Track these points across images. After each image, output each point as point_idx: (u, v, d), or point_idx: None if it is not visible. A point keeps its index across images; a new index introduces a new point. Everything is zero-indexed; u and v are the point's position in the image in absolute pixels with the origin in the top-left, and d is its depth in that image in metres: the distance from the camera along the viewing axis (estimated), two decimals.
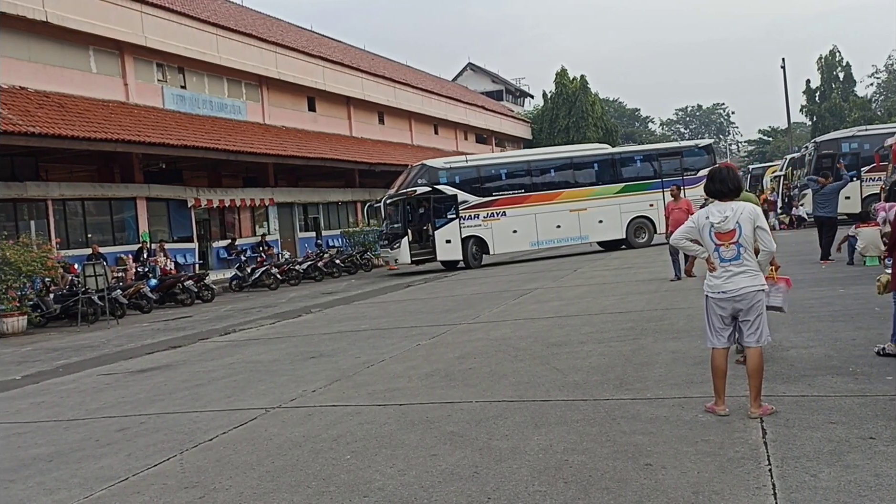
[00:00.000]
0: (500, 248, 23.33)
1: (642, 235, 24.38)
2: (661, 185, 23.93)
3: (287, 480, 4.41)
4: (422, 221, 22.95)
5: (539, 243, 23.71)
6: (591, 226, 23.78)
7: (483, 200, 22.99)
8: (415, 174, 22.95)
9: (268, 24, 34.63)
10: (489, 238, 23.03)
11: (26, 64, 20.98)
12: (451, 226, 22.68)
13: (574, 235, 23.84)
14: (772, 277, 5.83)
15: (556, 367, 6.82)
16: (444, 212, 22.68)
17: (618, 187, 24.19)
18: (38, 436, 6.20)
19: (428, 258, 22.82)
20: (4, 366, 10.94)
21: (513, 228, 23.14)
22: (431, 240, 22.69)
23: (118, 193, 22.82)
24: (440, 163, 23.56)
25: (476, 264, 22.90)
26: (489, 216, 22.99)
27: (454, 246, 22.63)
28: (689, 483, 3.77)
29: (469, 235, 22.74)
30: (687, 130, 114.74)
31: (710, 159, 25.51)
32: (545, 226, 23.37)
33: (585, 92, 56.39)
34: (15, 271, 15.28)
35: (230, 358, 9.49)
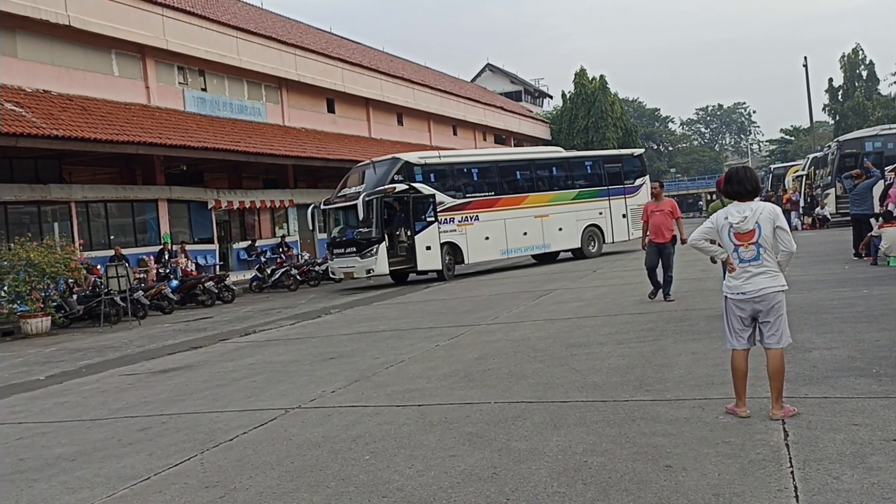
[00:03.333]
0: (474, 256, 20.86)
1: (593, 244, 23.33)
2: (607, 192, 23.51)
3: (306, 480, 4.43)
4: (398, 225, 20.15)
5: (509, 251, 21.61)
6: (553, 234, 22.32)
7: (457, 202, 20.53)
8: (387, 169, 19.80)
9: (287, 27, 34.81)
10: (464, 245, 20.55)
11: (49, 67, 21.26)
12: (430, 230, 19.83)
13: (538, 243, 22.24)
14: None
15: (576, 368, 6.80)
16: (423, 213, 19.85)
17: (573, 193, 23.05)
18: (62, 435, 6.27)
19: (406, 267, 20.02)
20: (29, 366, 11.08)
21: (485, 235, 20.91)
22: (410, 246, 19.78)
23: (140, 195, 23.04)
24: (415, 157, 20.61)
25: (450, 275, 20.28)
26: (464, 220, 20.56)
27: (434, 254, 19.78)
28: (709, 485, 3.74)
29: (445, 242, 20.07)
30: (707, 130, 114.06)
31: (642, 169, 25.18)
32: (514, 232, 21.44)
33: (605, 92, 56.18)
34: (39, 273, 15.46)
35: (250, 358, 9.54)
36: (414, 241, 19.63)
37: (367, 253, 19.26)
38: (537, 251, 22.48)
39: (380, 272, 19.50)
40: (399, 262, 19.82)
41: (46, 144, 18.57)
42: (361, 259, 19.40)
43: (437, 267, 20.00)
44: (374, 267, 19.23)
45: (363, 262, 19.37)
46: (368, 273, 19.41)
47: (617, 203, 23.74)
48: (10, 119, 17.71)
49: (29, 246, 15.62)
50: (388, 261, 19.32)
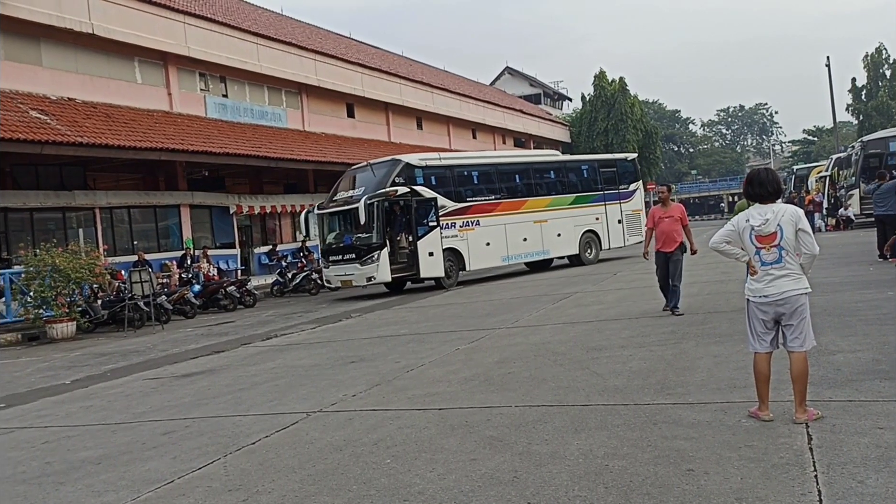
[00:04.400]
0: (475, 262, 19.98)
1: (590, 251, 22.77)
2: (603, 197, 23.09)
3: (328, 484, 4.45)
4: (399, 230, 19.15)
5: (509, 258, 20.81)
6: (552, 239, 21.64)
7: (459, 206, 19.69)
8: (387, 171, 18.91)
9: (307, 32, 35.03)
10: (465, 251, 19.68)
11: (74, 75, 21.55)
12: (433, 235, 18.91)
13: (538, 249, 21.44)
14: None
15: (596, 372, 6.78)
16: (424, 218, 18.94)
17: (571, 198, 22.44)
18: (87, 439, 6.35)
19: (409, 275, 19.03)
20: (55, 370, 11.21)
21: (486, 240, 20.09)
22: (413, 252, 18.77)
23: (163, 201, 23.27)
24: (416, 159, 19.69)
25: (451, 283, 19.38)
26: (465, 225, 19.71)
27: (436, 260, 18.86)
28: (732, 489, 3.72)
29: (447, 247, 19.25)
30: (729, 131, 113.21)
31: (636, 174, 24.87)
32: (514, 238, 20.69)
33: (624, 94, 55.96)
34: (64, 278, 15.64)
35: (272, 363, 9.60)
36: (416, 246, 18.63)
37: (367, 260, 18.20)
38: (537, 257, 21.68)
39: (381, 280, 18.47)
40: (400, 269, 18.80)
41: (71, 151, 18.84)
42: (361, 266, 18.28)
43: (439, 274, 19.06)
44: (375, 274, 18.18)
45: (363, 270, 18.27)
46: (369, 281, 18.40)
47: (612, 208, 23.35)
48: (36, 126, 17.98)
49: (54, 252, 15.81)
50: (390, 268, 18.36)
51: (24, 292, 16.18)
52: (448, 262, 19.22)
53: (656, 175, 58.20)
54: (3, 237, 19.53)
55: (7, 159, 19.86)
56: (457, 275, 19.63)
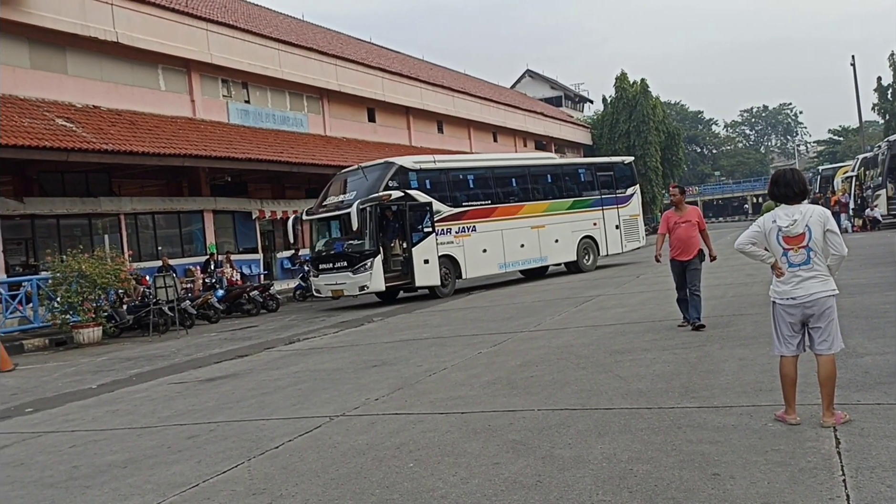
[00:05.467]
0: (472, 270, 19.26)
1: (588, 257, 22.16)
2: (600, 202, 22.60)
3: (351, 488, 4.46)
4: (393, 236, 18.49)
5: (507, 265, 20.13)
6: (550, 246, 21.02)
7: (454, 211, 18.90)
8: (379, 175, 18.07)
9: (328, 38, 35.22)
10: (462, 258, 18.96)
11: (99, 83, 21.83)
12: (428, 241, 18.08)
13: (536, 256, 20.85)
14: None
15: (620, 375, 6.73)
16: (419, 223, 18.09)
17: (568, 202, 21.83)
18: (114, 443, 6.41)
19: (403, 283, 18.22)
20: (81, 375, 11.34)
21: (483, 247, 19.39)
22: (408, 259, 17.98)
23: (186, 206, 23.48)
24: (410, 162, 18.85)
25: (448, 291, 18.57)
26: (461, 231, 18.96)
27: (432, 267, 18.03)
28: (758, 493, 3.68)
29: (442, 254, 18.43)
30: (752, 132, 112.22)
31: (633, 178, 24.36)
32: (511, 244, 20.02)
33: (646, 95, 55.67)
34: (90, 284, 15.80)
35: (295, 367, 9.64)
36: (411, 253, 17.81)
37: (360, 268, 17.32)
38: (535, 264, 21.15)
39: (375, 289, 17.64)
40: (394, 277, 17.99)
41: (96, 158, 19.08)
42: (354, 274, 17.40)
43: (435, 282, 18.20)
44: (368, 283, 17.31)
45: (355, 279, 17.40)
46: (362, 290, 17.57)
47: (610, 213, 22.84)
48: (62, 134, 18.22)
49: (81, 258, 15.98)
50: (384, 276, 17.52)
51: (51, 298, 16.38)
52: (444, 269, 18.45)
53: (679, 177, 57.89)
54: (30, 243, 19.80)
55: (34, 167, 20.16)
56: (453, 283, 18.88)
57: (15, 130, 17.23)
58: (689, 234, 9.20)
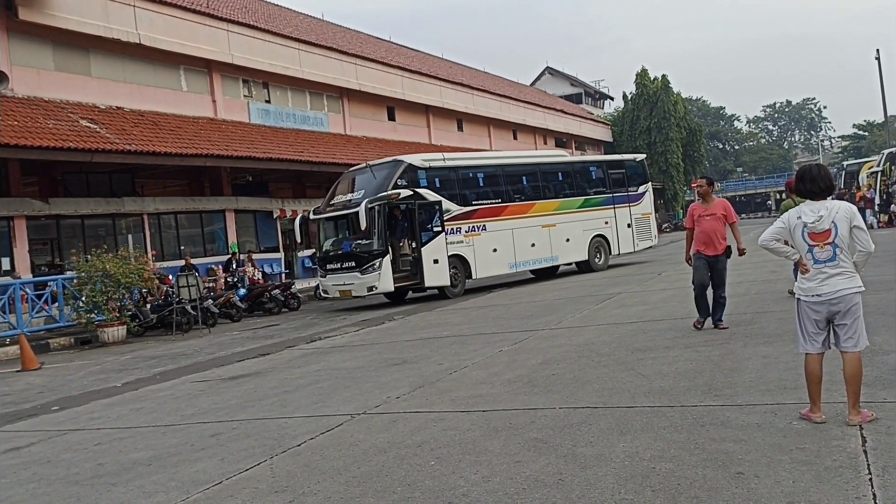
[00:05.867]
0: (482, 270, 18.84)
1: (600, 256, 21.72)
2: (612, 200, 22.17)
3: (373, 486, 4.47)
4: (401, 235, 18.13)
5: (517, 265, 19.72)
6: (561, 245, 20.59)
7: (464, 210, 18.53)
8: (388, 173, 17.74)
9: (348, 37, 35.32)
10: (472, 258, 18.56)
11: (122, 85, 22.05)
12: (437, 241, 17.76)
13: (546, 256, 20.40)
14: None
15: (642, 373, 6.69)
16: (428, 223, 17.78)
17: (579, 201, 21.44)
18: (138, 440, 6.47)
19: (412, 284, 17.90)
20: (106, 373, 11.46)
21: (493, 246, 18.98)
22: (416, 259, 17.67)
23: (208, 206, 23.66)
24: (419, 160, 18.53)
25: (457, 292, 18.15)
26: (471, 230, 18.59)
27: (441, 267, 17.70)
28: (783, 493, 3.64)
29: (452, 254, 18.10)
30: (775, 127, 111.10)
31: (644, 176, 23.88)
32: (522, 244, 19.60)
33: (667, 92, 55.29)
34: (115, 283, 15.96)
35: (316, 365, 9.69)
36: (420, 253, 17.51)
37: (368, 268, 17.01)
38: (546, 264, 20.74)
39: (383, 290, 17.31)
40: (403, 277, 17.64)
41: (120, 159, 19.30)
42: (362, 275, 17.08)
43: (444, 283, 17.87)
44: (377, 284, 17.01)
45: (364, 279, 17.08)
46: (370, 291, 17.25)
47: (622, 211, 22.45)
48: (86, 135, 18.43)
49: (105, 257, 16.15)
50: (393, 276, 17.19)
51: (76, 297, 16.58)
52: (453, 269, 18.09)
53: (701, 173, 57.38)
54: (55, 243, 20.06)
55: (59, 168, 20.45)
56: (463, 283, 18.49)
57: (40, 132, 17.45)
58: (714, 227, 8.74)
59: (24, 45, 19.60)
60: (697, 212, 8.90)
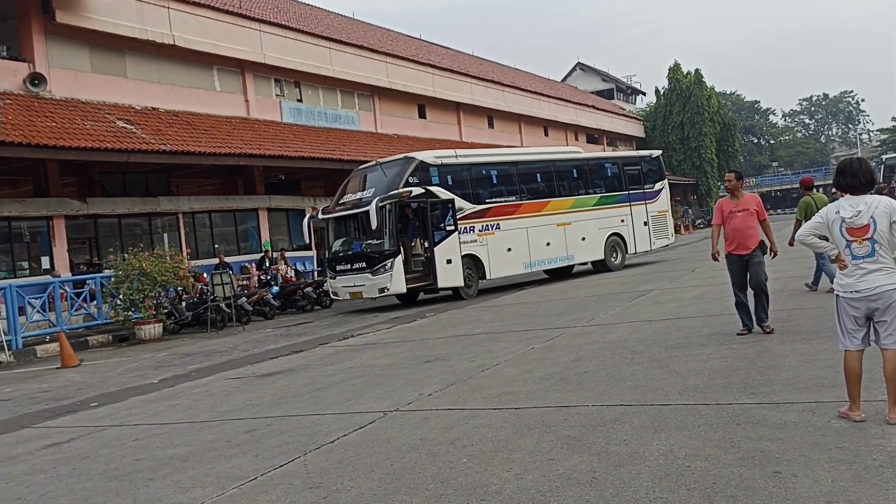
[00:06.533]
0: (496, 270, 18.31)
1: (616, 255, 21.19)
2: (628, 198, 21.61)
3: (406, 482, 4.48)
4: (413, 235, 17.56)
5: (532, 265, 19.15)
6: (576, 244, 20.05)
7: (477, 208, 18.01)
8: (399, 171, 17.21)
9: (378, 35, 35.43)
10: (485, 257, 18.04)
11: (157, 86, 22.36)
12: (450, 240, 17.22)
13: (562, 255, 19.87)
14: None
15: (676, 371, 6.63)
16: (441, 221, 17.28)
17: (595, 198, 20.90)
18: (175, 436, 6.56)
19: (424, 285, 17.34)
20: (143, 370, 11.64)
21: (507, 246, 18.47)
22: (429, 260, 17.12)
23: (241, 205, 23.90)
24: (431, 157, 18.04)
25: (472, 293, 17.72)
26: (484, 229, 18.08)
27: (455, 268, 17.17)
28: (822, 492, 3.58)
29: (465, 254, 17.54)
30: (812, 121, 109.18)
31: (661, 173, 23.26)
32: (536, 243, 19.07)
33: (700, 86, 54.62)
34: (151, 281, 16.20)
35: (349, 362, 9.74)
36: (433, 253, 16.97)
37: (379, 268, 16.49)
38: (561, 263, 20.17)
39: (395, 291, 16.75)
40: (415, 278, 17.10)
41: (155, 159, 19.58)
42: (373, 276, 16.55)
43: (458, 283, 17.34)
44: (388, 285, 16.49)
45: (375, 280, 16.56)
46: (381, 292, 16.74)
47: (638, 209, 21.89)
48: (122, 136, 18.72)
49: (141, 256, 16.39)
50: (405, 277, 16.66)
51: (113, 295, 16.85)
52: (467, 270, 17.56)
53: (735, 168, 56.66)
54: (93, 242, 20.42)
55: (96, 168, 20.81)
56: (476, 284, 18.02)
57: (77, 133, 17.77)
58: (745, 224, 8.10)
59: (62, 48, 19.97)
60: (727, 208, 8.26)
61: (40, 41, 19.33)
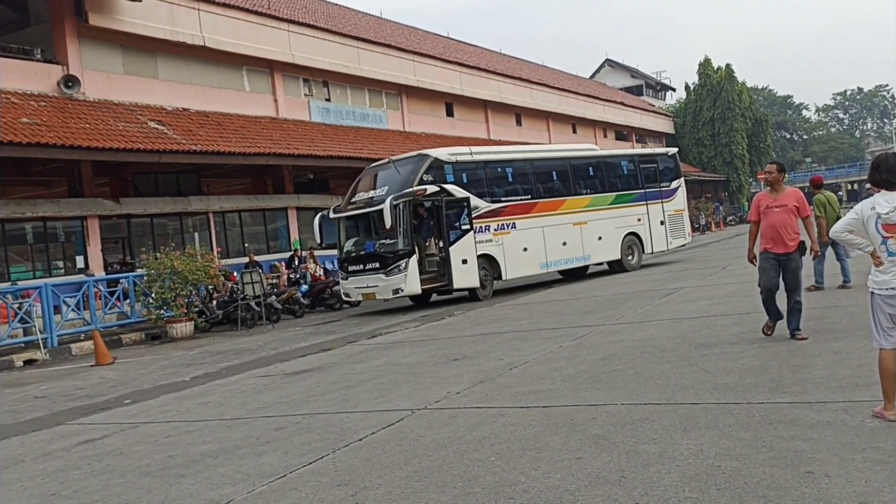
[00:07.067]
0: (512, 271, 17.86)
1: (632, 255, 20.71)
2: (644, 196, 21.14)
3: (433, 480, 4.49)
4: (427, 234, 17.12)
5: (548, 265, 18.72)
6: (592, 243, 19.57)
7: (493, 207, 17.60)
8: (413, 168, 16.77)
9: (406, 34, 35.50)
10: (501, 257, 17.59)
11: (187, 86, 22.63)
12: (466, 240, 16.83)
13: (578, 255, 19.39)
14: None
15: (706, 369, 6.56)
16: (456, 220, 16.86)
17: (611, 197, 20.38)
18: (206, 433, 6.63)
19: (440, 285, 16.85)
20: (175, 368, 11.78)
21: (523, 245, 18.04)
22: (444, 260, 16.72)
23: (271, 204, 24.10)
24: (445, 153, 17.48)
25: (487, 294, 17.30)
26: (500, 228, 17.65)
27: (470, 268, 16.77)
28: (855, 493, 3.52)
29: (481, 254, 17.13)
30: (846, 115, 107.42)
31: (677, 171, 22.67)
32: (553, 242, 18.61)
33: (731, 81, 53.99)
34: (182, 280, 16.39)
35: (377, 360, 9.77)
36: (448, 253, 16.54)
37: (393, 269, 16.05)
38: (577, 264, 19.69)
39: (410, 292, 16.34)
40: (430, 279, 16.67)
41: (186, 159, 19.83)
42: (387, 277, 16.11)
43: (474, 284, 16.96)
44: (402, 286, 16.03)
45: (388, 281, 16.11)
46: (395, 294, 16.31)
47: (654, 208, 21.44)
48: (154, 136, 18.98)
49: (173, 255, 16.59)
50: (420, 277, 16.25)
51: (146, 294, 17.09)
52: (482, 270, 17.15)
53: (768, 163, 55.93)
54: (126, 242, 20.72)
55: (129, 168, 21.11)
56: (491, 285, 17.61)
57: (110, 134, 18.04)
58: (784, 220, 7.43)
59: (95, 50, 20.29)
60: (765, 202, 7.62)
61: (74, 44, 19.66)
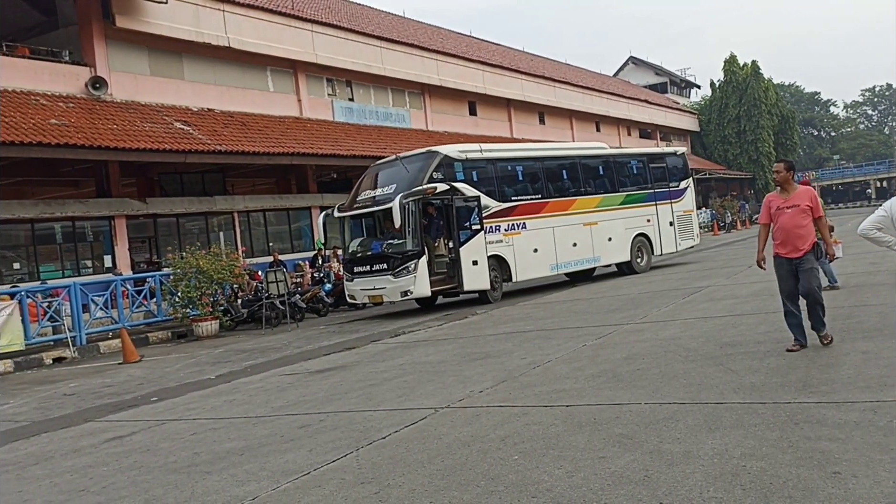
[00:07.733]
0: (522, 272, 17.25)
1: (642, 257, 20.18)
2: (654, 196, 20.59)
3: (456, 479, 4.50)
4: (436, 234, 16.41)
5: (558, 266, 18.13)
6: (603, 244, 19.00)
7: (503, 206, 16.96)
8: (422, 166, 16.14)
9: (428, 33, 35.54)
10: (511, 259, 16.95)
11: (212, 87, 22.83)
12: (476, 240, 16.18)
13: (588, 256, 18.79)
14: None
15: (731, 369, 6.51)
16: (466, 220, 16.21)
17: (621, 197, 19.81)
18: (231, 431, 6.70)
19: (450, 287, 16.17)
20: (200, 366, 11.89)
21: (533, 246, 17.42)
22: (454, 261, 16.02)
23: (295, 204, 24.24)
24: (455, 151, 16.81)
25: (497, 296, 16.70)
26: (510, 228, 17.05)
27: (481, 269, 16.14)
28: (883, 493, 3.48)
29: (491, 254, 16.49)
30: (875, 112, 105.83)
31: (685, 170, 22.13)
32: (563, 243, 18.03)
33: (757, 78, 53.47)
34: (207, 279, 16.52)
35: (400, 359, 9.80)
36: (458, 254, 15.88)
37: (402, 270, 15.42)
38: (587, 265, 19.14)
39: (419, 294, 15.72)
40: (439, 280, 15.98)
41: (211, 159, 20.02)
42: (395, 278, 15.49)
43: (484, 286, 16.35)
44: (411, 288, 15.42)
45: (397, 283, 15.48)
46: (404, 296, 15.71)
47: (664, 208, 20.89)
48: (180, 137, 19.18)
49: (198, 254, 16.73)
50: (429, 279, 15.59)
51: (172, 293, 17.25)
52: (492, 271, 16.53)
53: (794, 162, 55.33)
54: (153, 241, 20.96)
55: (155, 169, 21.36)
56: (501, 287, 17.05)
57: (137, 134, 18.26)
58: (795, 222, 7.00)
59: (122, 52, 20.54)
60: (775, 203, 7.18)
61: (101, 46, 19.92)
